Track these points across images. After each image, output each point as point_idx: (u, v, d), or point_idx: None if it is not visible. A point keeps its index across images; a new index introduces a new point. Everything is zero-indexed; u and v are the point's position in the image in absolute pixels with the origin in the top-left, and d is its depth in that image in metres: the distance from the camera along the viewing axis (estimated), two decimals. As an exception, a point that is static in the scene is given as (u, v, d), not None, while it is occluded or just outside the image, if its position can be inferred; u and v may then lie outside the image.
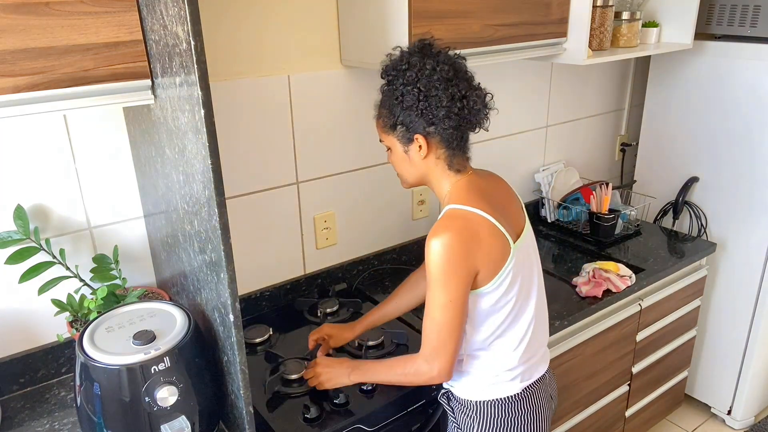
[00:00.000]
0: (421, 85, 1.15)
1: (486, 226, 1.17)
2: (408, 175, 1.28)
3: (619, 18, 1.99)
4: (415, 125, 1.18)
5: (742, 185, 2.23)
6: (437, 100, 1.15)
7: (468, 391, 1.34)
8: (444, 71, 1.15)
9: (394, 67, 1.19)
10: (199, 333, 1.20)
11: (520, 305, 1.26)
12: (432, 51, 1.19)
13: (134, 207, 1.49)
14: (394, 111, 1.19)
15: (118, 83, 1.08)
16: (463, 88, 1.17)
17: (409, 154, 1.23)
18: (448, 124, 1.17)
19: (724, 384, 2.47)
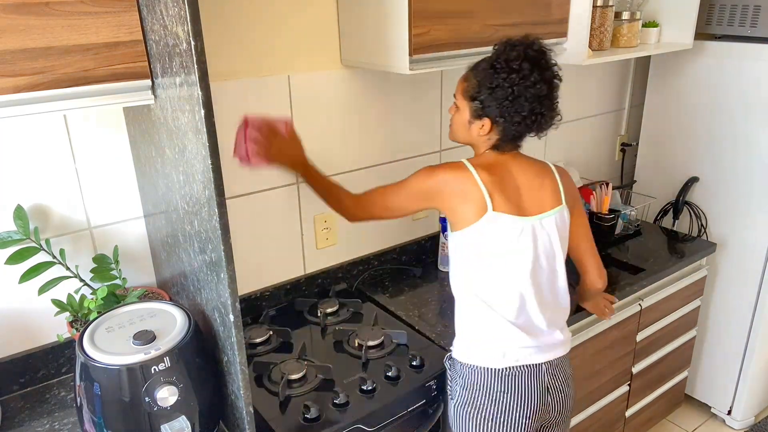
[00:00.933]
0: (516, 89, 1.28)
1: (473, 186, 1.32)
2: (460, 136, 1.43)
3: (619, 18, 1.99)
4: (490, 111, 1.32)
5: (742, 185, 2.23)
6: (520, 107, 1.29)
7: (459, 351, 1.42)
8: (541, 89, 1.29)
9: (507, 61, 1.29)
10: (199, 333, 1.20)
11: (508, 275, 1.35)
12: (542, 64, 1.30)
13: (134, 207, 1.49)
14: (482, 90, 1.31)
15: (118, 83, 1.08)
16: (545, 108, 1.31)
17: (472, 125, 1.37)
18: (516, 128, 1.32)
19: (724, 384, 2.47)
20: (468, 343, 1.40)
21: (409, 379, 1.45)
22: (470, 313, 1.40)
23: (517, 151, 1.41)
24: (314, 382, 1.44)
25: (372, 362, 1.52)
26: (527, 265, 1.35)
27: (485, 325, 1.38)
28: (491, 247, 1.33)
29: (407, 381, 1.45)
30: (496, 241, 1.33)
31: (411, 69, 1.47)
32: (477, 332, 1.39)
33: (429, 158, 2.01)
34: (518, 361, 1.37)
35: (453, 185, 1.33)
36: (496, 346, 1.37)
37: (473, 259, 1.36)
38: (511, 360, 1.37)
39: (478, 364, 1.38)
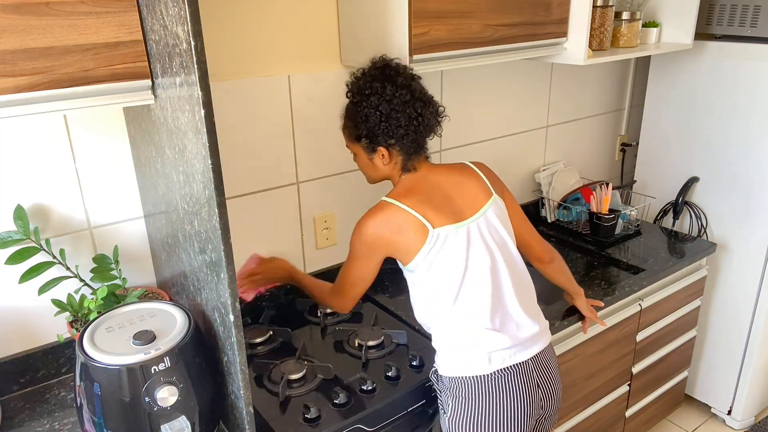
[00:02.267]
0: (382, 108, 1.32)
1: (404, 216, 1.33)
2: (373, 176, 1.46)
3: (619, 18, 1.99)
4: (378, 140, 1.36)
5: (742, 185, 2.23)
6: (396, 121, 1.32)
7: (444, 366, 1.40)
8: (402, 95, 1.32)
9: (359, 91, 1.35)
10: (199, 333, 1.20)
11: (473, 284, 1.36)
12: (391, 74, 1.34)
13: (134, 207, 1.49)
14: (359, 126, 1.36)
15: (118, 83, 1.08)
16: (418, 107, 1.34)
17: (374, 161, 1.41)
18: (407, 139, 1.35)
19: (724, 384, 2.47)
20: (451, 356, 1.39)
21: (409, 379, 1.45)
22: (446, 329, 1.38)
23: (428, 162, 1.43)
24: (314, 382, 1.44)
25: (372, 362, 1.52)
26: (486, 265, 1.37)
27: (464, 337, 1.37)
28: (448, 263, 1.34)
29: (407, 381, 1.45)
30: (449, 254, 1.34)
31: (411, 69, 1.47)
32: (457, 345, 1.38)
33: (429, 158, 2.01)
34: (504, 362, 1.36)
35: (386, 228, 1.34)
36: (479, 354, 1.36)
37: (434, 283, 1.36)
38: (497, 363, 1.36)
39: (466, 375, 1.36)
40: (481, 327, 1.36)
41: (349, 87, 1.39)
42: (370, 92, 1.33)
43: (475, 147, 2.13)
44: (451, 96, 1.99)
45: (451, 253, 1.34)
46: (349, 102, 1.38)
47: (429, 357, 1.52)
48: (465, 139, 2.08)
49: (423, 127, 1.35)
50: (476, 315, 1.36)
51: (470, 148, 2.12)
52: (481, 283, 1.36)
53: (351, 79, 1.39)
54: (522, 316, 1.41)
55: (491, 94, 2.11)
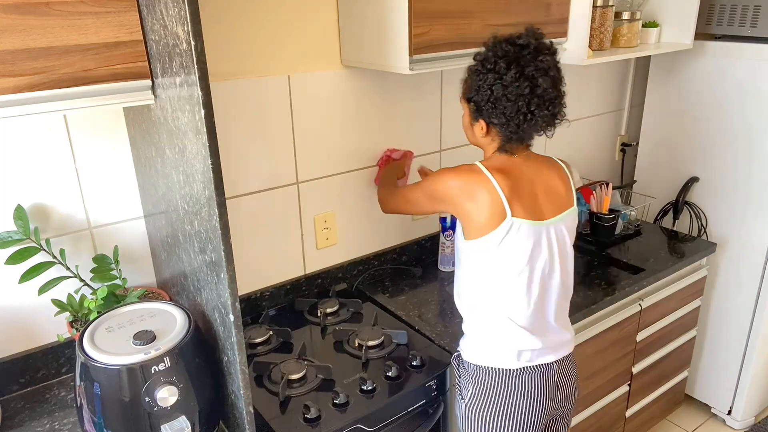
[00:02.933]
0: (495, 89, 1.25)
1: (489, 191, 1.28)
2: (469, 138, 1.44)
3: (619, 18, 1.99)
4: (483, 112, 1.31)
5: (742, 185, 2.23)
6: (503, 107, 1.26)
7: (470, 352, 1.40)
8: (521, 87, 1.23)
9: (485, 60, 1.28)
10: (199, 333, 1.20)
11: (525, 284, 1.33)
12: (524, 58, 1.24)
13: (134, 207, 1.49)
14: (471, 92, 1.32)
15: (118, 83, 1.08)
16: (533, 105, 1.25)
17: (474, 127, 1.37)
18: (508, 127, 1.29)
19: (724, 384, 2.47)
20: (480, 344, 1.39)
21: (409, 379, 1.45)
22: (483, 318, 1.37)
23: (528, 151, 1.38)
24: (314, 382, 1.44)
25: (372, 362, 1.52)
26: (544, 270, 1.34)
27: (499, 329, 1.36)
28: (511, 257, 1.30)
29: (407, 381, 1.45)
30: (515, 249, 1.30)
31: (411, 69, 1.47)
32: (490, 335, 1.37)
33: (429, 158, 2.01)
34: (531, 361, 1.37)
35: (466, 189, 1.29)
36: (510, 348, 1.36)
37: (490, 270, 1.32)
38: (525, 361, 1.36)
39: (492, 365, 1.37)
40: (518, 325, 1.35)
41: (483, 49, 1.30)
42: (492, 67, 1.25)
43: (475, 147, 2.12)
44: (451, 96, 1.99)
45: (517, 248, 1.30)
46: (473, 64, 1.32)
47: (429, 357, 1.52)
48: (465, 139, 2.08)
49: (529, 124, 1.28)
50: (517, 314, 1.35)
51: (470, 148, 2.11)
52: (533, 286, 1.34)
53: (490, 40, 1.30)
54: (557, 325, 1.41)
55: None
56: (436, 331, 1.65)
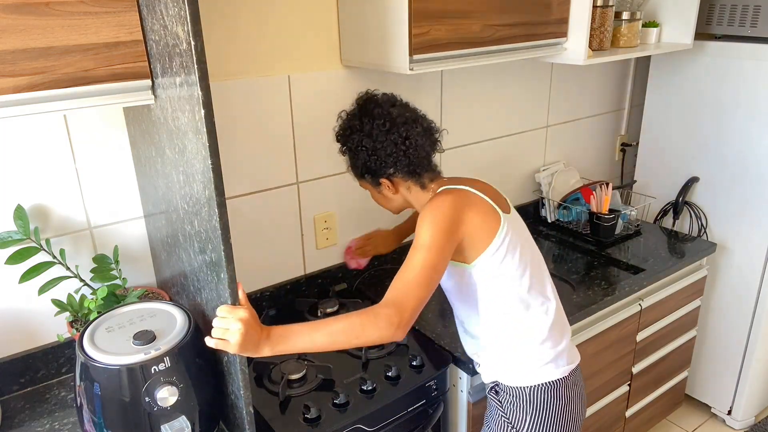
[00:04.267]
0: (366, 143, 1.31)
1: (475, 198, 1.30)
2: (390, 207, 1.44)
3: (619, 18, 1.99)
4: (377, 173, 1.34)
5: (742, 185, 2.23)
6: (383, 150, 1.30)
7: (517, 377, 1.37)
8: (380, 126, 1.29)
9: (342, 133, 1.37)
10: (199, 333, 1.20)
11: (534, 277, 1.34)
12: (370, 108, 1.32)
13: (134, 207, 1.49)
14: (357, 165, 1.36)
15: (118, 83, 1.08)
16: (403, 132, 1.29)
17: (383, 193, 1.39)
18: (401, 165, 1.31)
19: (724, 384, 2.46)
20: (526, 363, 1.36)
21: (409, 379, 1.45)
22: (515, 335, 1.35)
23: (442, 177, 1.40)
24: (314, 382, 1.44)
25: (372, 362, 1.52)
26: (538, 260, 1.39)
27: (533, 341, 1.34)
28: (515, 255, 1.30)
29: (407, 381, 1.45)
30: (515, 245, 1.30)
31: (411, 69, 1.47)
32: (528, 351, 1.35)
33: (429, 158, 2.01)
34: (570, 363, 1.39)
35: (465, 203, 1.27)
36: (548, 358, 1.35)
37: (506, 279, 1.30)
38: (571, 362, 1.39)
39: (542, 382, 1.35)
40: (548, 325, 1.34)
41: (336, 135, 1.39)
42: (350, 131, 1.33)
43: (475, 147, 2.13)
44: (451, 96, 1.99)
45: (515, 243, 1.30)
46: (340, 145, 1.38)
47: (429, 357, 1.52)
48: (465, 139, 2.08)
49: (413, 148, 1.29)
50: (544, 314, 1.35)
51: (470, 148, 2.12)
52: (546, 282, 1.38)
53: (338, 121, 1.39)
54: (566, 321, 1.44)
55: (491, 94, 2.11)
56: (436, 331, 1.65)
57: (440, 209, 1.24)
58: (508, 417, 1.38)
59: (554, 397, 1.35)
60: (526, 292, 1.32)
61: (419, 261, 1.18)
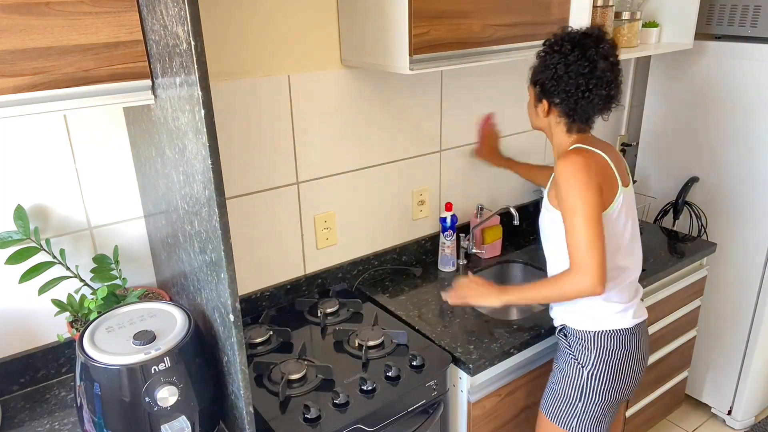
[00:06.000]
0: (559, 68, 1.39)
1: (603, 162, 1.42)
2: (532, 121, 1.57)
3: (619, 18, 1.99)
4: (546, 93, 1.44)
5: (742, 185, 2.23)
6: (566, 85, 1.40)
7: (584, 322, 1.50)
8: (582, 66, 1.37)
9: (552, 44, 1.43)
10: (199, 333, 1.20)
11: (632, 243, 1.49)
12: (587, 43, 1.38)
13: (134, 207, 1.49)
14: (537, 74, 1.45)
15: (118, 83, 1.08)
16: (591, 84, 1.38)
17: (537, 109, 1.51)
18: (568, 104, 1.42)
19: (724, 384, 2.47)
20: (597, 311, 1.49)
21: (409, 379, 1.46)
22: None
23: (590, 134, 1.51)
24: (314, 382, 1.44)
25: (372, 362, 1.52)
26: (633, 231, 1.51)
27: (615, 294, 1.48)
28: (622, 221, 1.45)
29: (407, 381, 1.45)
30: (624, 213, 1.45)
31: (411, 69, 1.47)
32: (607, 300, 1.47)
33: (429, 158, 2.01)
34: (639, 317, 1.52)
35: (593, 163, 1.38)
36: (624, 308, 1.49)
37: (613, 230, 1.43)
38: (636, 318, 1.51)
39: (611, 328, 1.48)
40: (628, 281, 1.50)
41: (548, 39, 1.46)
42: (558, 49, 1.40)
43: (474, 147, 2.13)
44: (451, 96, 1.99)
45: (627, 214, 1.45)
46: (542, 49, 1.46)
47: (429, 357, 1.52)
48: (466, 139, 2.08)
49: (586, 102, 1.40)
50: (628, 275, 1.49)
51: (471, 148, 2.12)
52: (636, 244, 1.51)
53: (559, 29, 1.46)
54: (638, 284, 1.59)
55: (491, 94, 2.11)
56: (436, 331, 1.65)
57: (576, 169, 1.35)
58: (575, 354, 1.53)
59: (617, 342, 1.49)
60: (614, 254, 1.45)
61: (580, 223, 1.34)
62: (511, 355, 1.60)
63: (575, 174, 1.35)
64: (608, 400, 1.51)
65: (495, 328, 1.66)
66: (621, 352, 1.49)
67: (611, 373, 1.50)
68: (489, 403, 1.61)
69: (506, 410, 1.68)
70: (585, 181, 1.34)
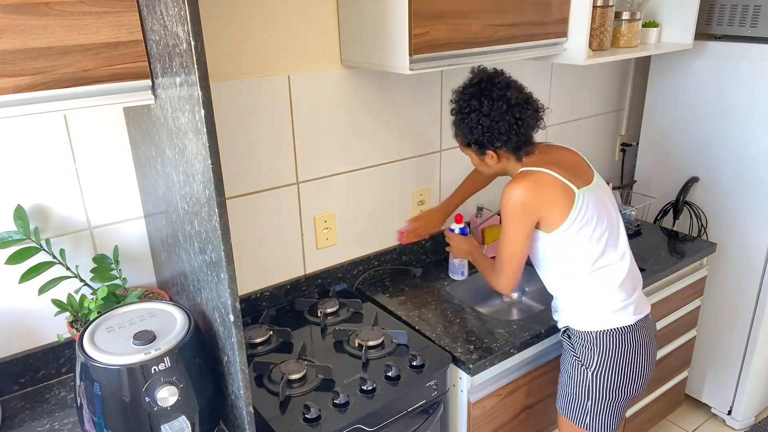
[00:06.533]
0: (483, 122, 1.45)
1: (548, 179, 1.45)
2: (487, 172, 1.61)
3: (619, 18, 1.99)
4: (485, 146, 1.50)
5: (742, 185, 2.23)
6: (498, 130, 1.45)
7: (586, 323, 1.54)
8: (499, 107, 1.44)
9: (460, 109, 1.50)
10: (199, 333, 1.20)
11: (608, 240, 1.50)
12: (487, 88, 1.46)
13: (134, 207, 1.49)
14: (467, 137, 1.51)
15: (118, 83, 1.08)
16: (517, 113, 1.45)
17: (485, 161, 1.55)
18: (511, 142, 1.47)
19: (724, 384, 2.47)
20: (593, 312, 1.52)
21: (409, 379, 1.46)
22: (585, 289, 1.51)
23: (539, 144, 1.54)
24: (314, 382, 1.44)
25: (372, 362, 1.52)
26: (616, 226, 1.53)
27: (607, 292, 1.51)
28: (591, 224, 1.47)
29: (407, 381, 1.45)
30: (591, 216, 1.47)
31: (411, 69, 1.47)
32: (599, 300, 1.51)
33: (429, 158, 2.01)
34: (641, 313, 1.55)
35: (536, 191, 1.44)
36: (620, 306, 1.51)
37: (579, 246, 1.47)
38: (636, 315, 1.53)
39: (612, 327, 1.51)
40: (619, 281, 1.51)
41: (453, 103, 1.53)
42: (469, 110, 1.47)
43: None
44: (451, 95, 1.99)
45: (592, 214, 1.47)
46: (454, 117, 1.52)
47: (429, 357, 1.52)
48: (465, 139, 2.08)
49: (524, 128, 1.46)
50: (616, 271, 1.51)
51: (470, 148, 2.12)
52: (620, 243, 1.53)
53: (453, 95, 1.53)
54: (638, 275, 1.60)
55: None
56: (436, 331, 1.65)
57: (517, 196, 1.44)
58: (578, 357, 1.56)
59: (620, 341, 1.52)
60: (599, 254, 1.48)
61: (506, 240, 1.49)
62: (511, 355, 1.60)
63: (510, 207, 1.45)
64: (616, 397, 1.55)
65: (495, 328, 1.66)
66: (623, 351, 1.52)
67: (615, 372, 1.53)
68: (489, 403, 1.61)
69: (506, 410, 1.68)
70: (518, 217, 1.45)
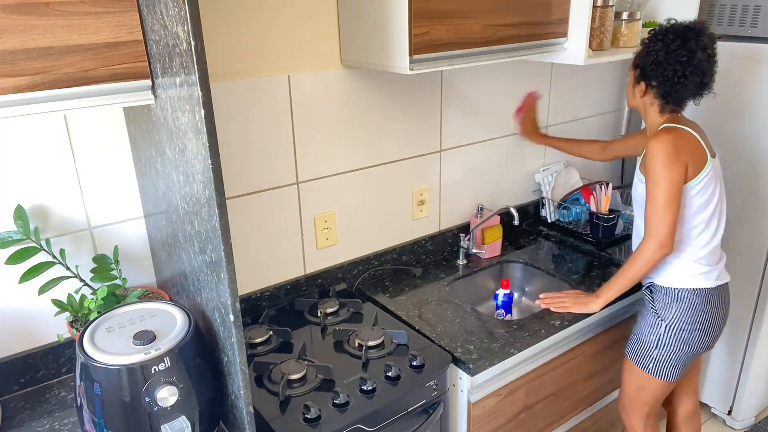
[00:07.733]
0: (659, 55, 1.58)
1: (691, 138, 1.58)
2: (629, 100, 1.74)
3: (619, 18, 1.98)
4: (645, 76, 1.63)
5: (742, 185, 2.23)
6: (664, 70, 1.58)
7: (670, 280, 1.68)
8: (680, 55, 1.55)
9: (656, 33, 1.61)
10: (199, 333, 1.20)
11: (718, 209, 1.64)
12: (688, 35, 1.56)
13: (134, 207, 1.50)
14: (639, 59, 1.64)
15: (118, 83, 1.08)
16: (688, 71, 1.56)
17: (635, 89, 1.68)
18: (664, 87, 1.60)
19: (724, 384, 2.47)
20: (681, 270, 1.65)
21: (409, 379, 1.46)
22: (687, 245, 1.64)
23: (681, 115, 1.65)
24: (314, 382, 1.44)
25: (372, 362, 1.52)
26: (720, 200, 1.64)
27: (700, 256, 1.64)
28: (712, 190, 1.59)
29: (407, 381, 1.45)
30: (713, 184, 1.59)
31: (411, 69, 1.47)
32: (692, 263, 1.64)
33: (429, 158, 2.01)
34: (722, 279, 1.69)
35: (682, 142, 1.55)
36: (707, 269, 1.65)
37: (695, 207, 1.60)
38: (719, 280, 1.67)
39: (694, 287, 1.65)
40: (711, 248, 1.65)
41: (654, 30, 1.63)
42: (661, 38, 1.58)
43: (475, 147, 2.13)
44: (451, 96, 2.00)
45: (713, 183, 1.60)
46: (646, 37, 1.64)
47: (429, 357, 1.52)
48: (466, 139, 2.09)
49: (681, 86, 1.57)
50: (712, 240, 1.64)
51: (471, 148, 2.12)
52: (722, 217, 1.65)
53: (664, 22, 1.64)
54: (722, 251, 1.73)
55: (491, 94, 2.11)
56: (436, 331, 1.65)
57: (664, 147, 1.53)
58: (657, 310, 1.70)
59: (699, 300, 1.65)
60: (705, 220, 1.61)
61: (660, 195, 1.55)
62: (511, 355, 1.60)
63: (662, 152, 1.54)
64: (683, 350, 1.68)
65: (495, 328, 1.66)
66: (700, 309, 1.65)
67: (687, 328, 1.66)
68: (489, 403, 1.61)
69: (506, 410, 1.68)
70: (670, 161, 1.53)
